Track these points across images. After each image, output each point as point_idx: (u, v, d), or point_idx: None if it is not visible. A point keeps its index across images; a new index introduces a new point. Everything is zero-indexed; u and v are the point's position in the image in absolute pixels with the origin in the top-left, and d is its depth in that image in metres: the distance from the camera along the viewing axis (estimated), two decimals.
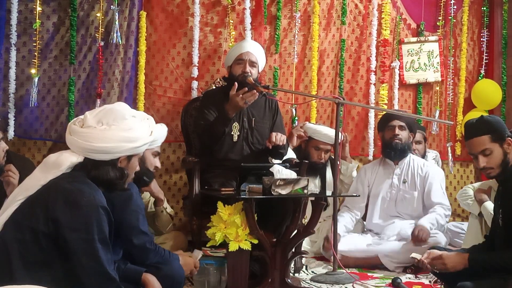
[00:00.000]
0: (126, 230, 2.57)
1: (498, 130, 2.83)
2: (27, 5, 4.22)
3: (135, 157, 2.41)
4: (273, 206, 3.41)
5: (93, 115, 2.32)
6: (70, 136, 2.32)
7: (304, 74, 4.94)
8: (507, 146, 2.81)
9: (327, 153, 4.57)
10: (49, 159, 2.30)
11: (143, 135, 2.38)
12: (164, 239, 3.76)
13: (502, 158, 2.81)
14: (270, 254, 3.29)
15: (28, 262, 2.13)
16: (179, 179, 4.63)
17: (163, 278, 2.55)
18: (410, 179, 4.42)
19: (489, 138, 2.83)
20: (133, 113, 2.39)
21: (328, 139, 4.46)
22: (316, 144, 4.53)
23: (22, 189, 2.28)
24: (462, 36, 5.43)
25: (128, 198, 2.59)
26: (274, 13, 4.83)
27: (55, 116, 4.34)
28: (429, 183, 4.37)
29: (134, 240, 2.59)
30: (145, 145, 2.40)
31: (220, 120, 3.76)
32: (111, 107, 2.36)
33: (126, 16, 4.42)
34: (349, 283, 3.63)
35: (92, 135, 2.27)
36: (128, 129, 2.32)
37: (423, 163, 4.49)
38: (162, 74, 4.59)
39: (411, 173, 4.43)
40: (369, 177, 4.52)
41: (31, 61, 4.19)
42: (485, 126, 2.88)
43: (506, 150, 2.81)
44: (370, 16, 5.11)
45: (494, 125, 2.86)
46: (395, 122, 4.39)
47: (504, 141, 2.81)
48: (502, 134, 2.82)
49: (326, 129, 4.53)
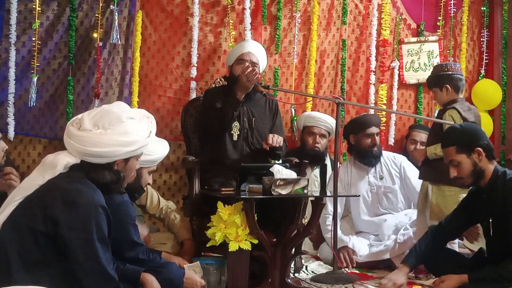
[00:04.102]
0: (118, 244, 2.47)
1: (464, 141, 2.83)
2: (26, 5, 4.21)
3: (133, 158, 2.40)
4: (273, 206, 3.41)
5: (90, 117, 2.31)
6: (68, 138, 2.31)
7: (304, 74, 4.93)
8: (477, 156, 2.80)
9: (322, 138, 4.54)
10: (47, 159, 2.30)
11: (140, 138, 2.35)
12: (164, 239, 3.75)
13: (472, 168, 2.82)
14: (270, 254, 3.28)
15: (27, 262, 2.13)
16: (179, 179, 4.63)
17: (162, 281, 2.54)
18: (386, 174, 4.37)
19: (455, 150, 2.86)
20: (131, 114, 2.36)
21: (320, 121, 4.48)
22: (309, 130, 4.54)
23: (20, 189, 2.28)
24: (462, 36, 5.43)
25: (116, 209, 2.49)
26: (274, 13, 4.82)
27: (51, 115, 4.33)
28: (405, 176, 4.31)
29: (126, 253, 2.55)
30: (142, 147, 2.38)
31: (230, 104, 3.75)
32: (108, 109, 2.34)
33: (125, 16, 4.41)
34: (349, 283, 3.63)
35: (87, 139, 2.26)
36: (125, 133, 2.30)
37: (392, 155, 4.45)
38: (162, 74, 4.58)
39: (386, 168, 4.37)
40: (343, 178, 4.34)
41: (30, 61, 4.18)
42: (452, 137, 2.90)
43: (476, 160, 2.80)
44: (370, 16, 5.11)
45: (461, 136, 2.87)
46: (373, 129, 4.30)
47: (472, 152, 2.81)
48: (469, 144, 2.81)
49: (316, 113, 4.54)
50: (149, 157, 2.80)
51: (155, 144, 2.84)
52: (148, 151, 2.75)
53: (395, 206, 4.36)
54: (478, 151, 2.81)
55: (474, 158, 2.82)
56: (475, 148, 2.81)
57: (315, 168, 4.57)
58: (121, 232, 2.52)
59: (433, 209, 3.69)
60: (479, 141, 2.82)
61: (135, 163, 2.46)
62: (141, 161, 2.73)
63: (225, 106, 3.75)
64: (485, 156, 2.83)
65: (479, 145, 2.81)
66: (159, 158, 2.92)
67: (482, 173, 2.84)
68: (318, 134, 4.53)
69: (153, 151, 2.84)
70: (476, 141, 2.82)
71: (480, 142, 2.82)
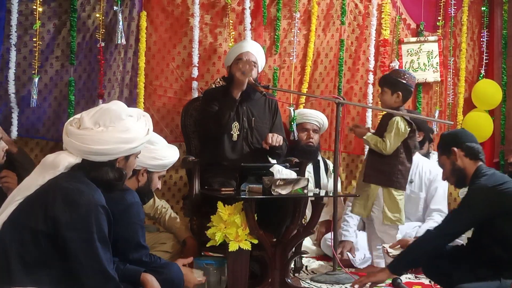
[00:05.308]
0: (123, 244, 2.50)
1: (444, 144, 3.10)
2: (27, 5, 4.22)
3: (133, 156, 2.42)
4: (273, 206, 3.42)
5: (90, 116, 2.32)
6: (67, 137, 2.31)
7: (303, 74, 4.94)
8: (454, 156, 3.01)
9: (315, 134, 4.57)
10: (47, 159, 2.30)
11: (140, 135, 2.37)
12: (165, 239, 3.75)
13: (451, 168, 3.05)
14: (270, 254, 3.29)
15: (27, 263, 2.13)
16: (179, 179, 4.63)
17: (163, 281, 2.54)
18: (417, 179, 4.40)
19: (439, 153, 3.15)
20: (130, 112, 2.38)
21: (312, 117, 4.54)
22: (302, 126, 4.58)
23: (20, 189, 2.28)
24: (462, 36, 5.42)
25: (126, 209, 2.54)
26: (274, 13, 4.83)
27: (56, 116, 4.34)
28: (435, 187, 4.36)
29: (130, 254, 2.56)
30: (142, 145, 2.40)
31: (226, 104, 3.76)
32: (108, 107, 2.35)
33: (126, 16, 4.41)
34: (349, 283, 3.63)
35: (89, 137, 2.26)
36: (126, 130, 2.31)
37: (431, 165, 4.45)
38: (163, 74, 4.59)
39: (419, 174, 4.40)
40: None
41: (32, 62, 4.19)
42: (438, 144, 3.18)
43: (453, 160, 3.02)
44: (370, 16, 5.11)
45: (442, 140, 3.15)
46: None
47: (449, 153, 3.03)
48: (447, 146, 3.06)
49: (308, 110, 4.58)
50: (160, 161, 2.84)
51: (166, 150, 2.88)
52: (160, 156, 2.81)
53: (412, 211, 4.39)
54: (453, 150, 3.01)
55: (452, 158, 3.02)
56: (451, 148, 3.02)
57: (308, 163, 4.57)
58: (128, 232, 2.54)
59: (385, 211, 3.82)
60: (457, 142, 3.03)
61: (134, 161, 2.48)
62: (153, 166, 2.81)
63: (222, 108, 3.76)
64: (464, 156, 3.00)
65: (456, 146, 3.01)
66: (170, 163, 2.95)
67: (462, 172, 3.02)
68: (311, 130, 4.56)
69: (165, 156, 2.88)
70: (453, 143, 3.04)
71: (458, 143, 3.02)
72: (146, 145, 2.56)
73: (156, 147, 2.80)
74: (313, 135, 4.57)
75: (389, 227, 3.84)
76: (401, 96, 3.86)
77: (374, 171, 3.83)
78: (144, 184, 2.80)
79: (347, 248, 4.15)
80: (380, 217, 3.81)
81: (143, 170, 2.78)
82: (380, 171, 3.81)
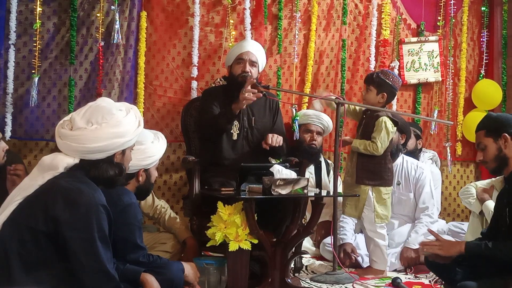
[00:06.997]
0: (121, 244, 2.51)
1: (494, 125, 2.89)
2: (27, 5, 4.22)
3: (128, 149, 2.43)
4: (273, 206, 3.42)
5: (80, 115, 2.32)
6: (61, 140, 2.31)
7: (304, 74, 4.93)
8: (503, 142, 2.85)
9: (318, 136, 4.56)
10: (44, 161, 2.29)
11: (132, 128, 2.39)
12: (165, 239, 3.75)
13: (496, 153, 2.87)
14: (270, 254, 3.29)
15: (27, 263, 2.13)
16: (179, 179, 4.63)
17: (162, 281, 2.54)
18: (404, 181, 4.38)
19: (484, 133, 2.91)
20: (119, 107, 2.40)
21: (316, 119, 4.52)
22: (306, 127, 4.56)
23: (20, 189, 2.27)
24: (462, 36, 5.43)
25: (123, 210, 2.56)
26: (275, 13, 4.83)
27: (56, 117, 4.33)
28: (420, 186, 4.35)
29: (128, 255, 2.57)
30: (135, 137, 2.42)
31: (225, 116, 3.76)
32: (97, 105, 2.36)
33: (126, 16, 4.41)
34: (349, 283, 3.63)
35: (84, 137, 2.27)
36: (119, 125, 2.33)
37: (416, 164, 4.44)
38: (163, 74, 4.59)
39: (405, 175, 4.39)
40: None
41: (31, 61, 4.19)
42: (484, 122, 2.97)
43: (501, 146, 2.86)
44: (370, 16, 5.11)
45: (492, 120, 2.94)
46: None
47: (499, 137, 2.86)
48: (498, 129, 2.87)
49: (313, 111, 4.55)
50: (153, 157, 2.85)
51: (155, 145, 2.89)
52: (151, 153, 2.82)
53: (405, 212, 4.39)
54: (504, 136, 2.85)
55: (500, 144, 2.86)
56: (502, 133, 2.85)
57: (310, 165, 4.57)
58: (125, 232, 2.55)
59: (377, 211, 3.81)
60: (508, 129, 2.87)
61: (130, 154, 2.49)
62: (148, 164, 2.83)
63: (220, 116, 3.76)
64: None
65: (507, 132, 2.85)
66: (162, 154, 2.96)
67: (506, 160, 2.87)
68: (315, 132, 4.55)
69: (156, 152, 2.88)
70: (505, 128, 2.87)
71: (509, 130, 2.86)
72: (136, 147, 2.60)
73: (145, 146, 2.81)
74: (316, 137, 4.55)
75: (379, 226, 3.84)
76: (385, 97, 3.89)
77: (366, 172, 3.82)
78: (145, 181, 2.83)
79: (348, 249, 4.13)
80: (371, 217, 3.81)
81: (141, 170, 2.79)
82: (371, 172, 3.81)
